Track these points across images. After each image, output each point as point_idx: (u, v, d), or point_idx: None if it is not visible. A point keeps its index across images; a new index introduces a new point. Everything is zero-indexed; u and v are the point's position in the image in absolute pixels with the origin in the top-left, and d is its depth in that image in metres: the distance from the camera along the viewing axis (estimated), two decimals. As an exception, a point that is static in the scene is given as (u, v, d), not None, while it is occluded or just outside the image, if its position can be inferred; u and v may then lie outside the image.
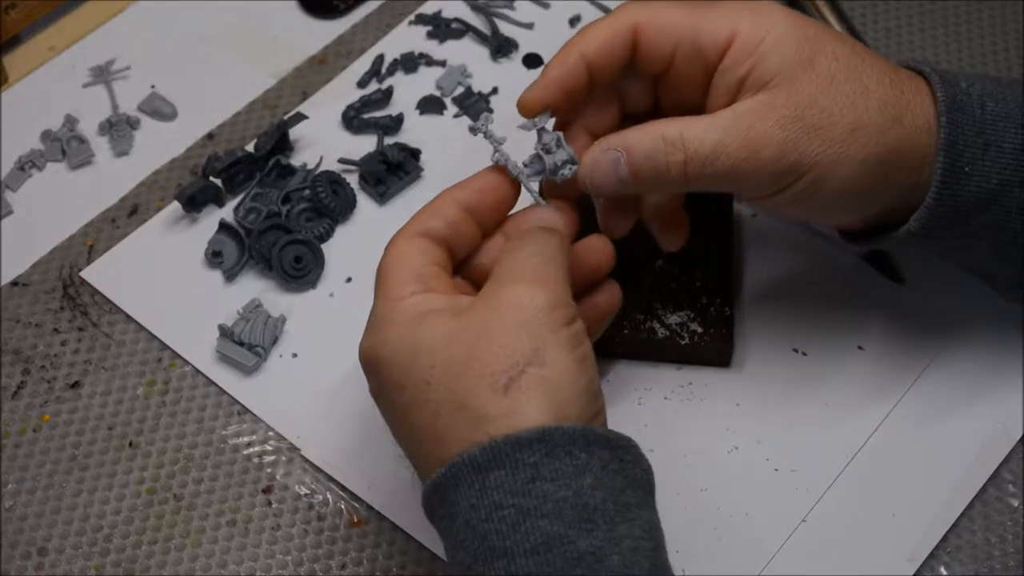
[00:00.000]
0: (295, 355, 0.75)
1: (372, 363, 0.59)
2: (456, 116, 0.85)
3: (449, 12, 0.90)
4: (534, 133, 0.65)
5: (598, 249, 0.65)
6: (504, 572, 0.53)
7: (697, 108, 0.64)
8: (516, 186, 0.65)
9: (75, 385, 0.74)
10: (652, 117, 0.64)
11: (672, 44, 0.63)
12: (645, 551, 0.55)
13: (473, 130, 0.66)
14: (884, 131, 0.61)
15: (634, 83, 0.66)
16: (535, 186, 0.64)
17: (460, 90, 0.86)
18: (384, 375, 0.58)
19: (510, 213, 0.65)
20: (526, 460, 0.54)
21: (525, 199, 0.65)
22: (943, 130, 0.62)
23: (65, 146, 0.84)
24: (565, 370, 0.56)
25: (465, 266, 0.64)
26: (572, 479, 0.54)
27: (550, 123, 0.65)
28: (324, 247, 0.79)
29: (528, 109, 0.64)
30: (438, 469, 0.55)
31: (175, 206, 0.80)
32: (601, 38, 0.63)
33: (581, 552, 0.53)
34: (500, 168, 0.64)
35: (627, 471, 0.56)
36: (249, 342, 0.74)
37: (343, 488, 0.70)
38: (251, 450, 0.72)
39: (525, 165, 0.65)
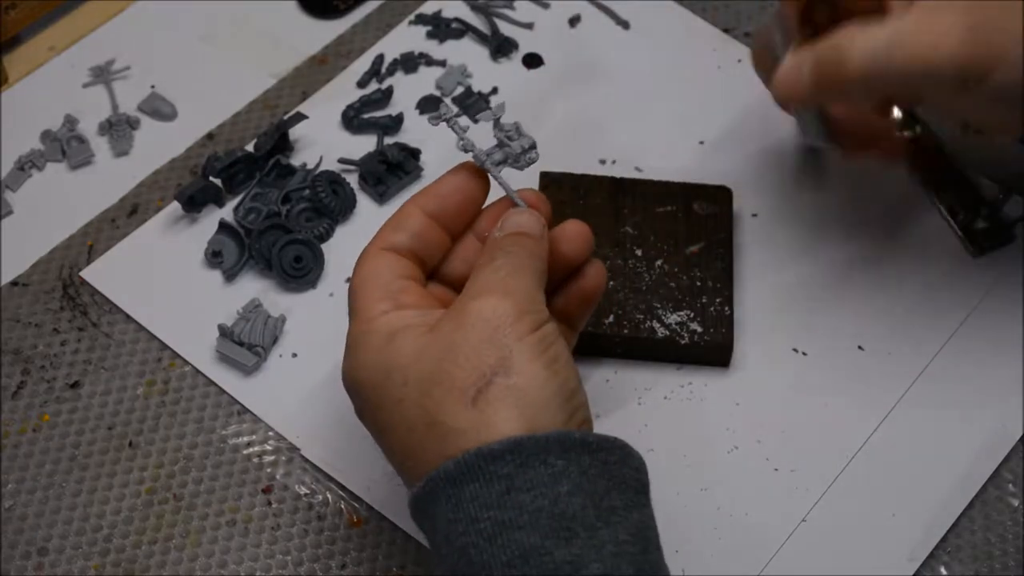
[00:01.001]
0: (295, 355, 0.75)
1: (351, 385, 0.60)
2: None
3: (449, 12, 0.90)
4: (491, 125, 0.64)
5: (576, 235, 0.64)
6: None
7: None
8: (484, 182, 0.64)
9: (75, 385, 0.74)
10: None
11: None
12: (630, 555, 0.54)
13: (435, 120, 0.64)
14: None
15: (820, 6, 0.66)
16: (505, 178, 0.63)
17: (460, 90, 0.86)
18: (363, 397, 0.59)
19: (484, 206, 0.65)
20: (499, 471, 0.53)
21: (496, 190, 0.64)
22: None
23: (65, 146, 0.84)
24: (533, 376, 0.55)
25: (439, 272, 0.64)
26: (548, 487, 0.53)
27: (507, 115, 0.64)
28: (324, 247, 0.79)
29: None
30: (416, 483, 0.55)
31: (175, 206, 0.80)
32: None
33: (559, 562, 0.52)
34: (464, 168, 0.63)
35: (612, 473, 0.55)
36: (249, 342, 0.74)
37: (343, 488, 0.70)
38: (251, 450, 0.72)
39: (487, 155, 0.63)
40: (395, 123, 0.84)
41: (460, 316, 0.57)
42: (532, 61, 0.88)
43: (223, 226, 0.79)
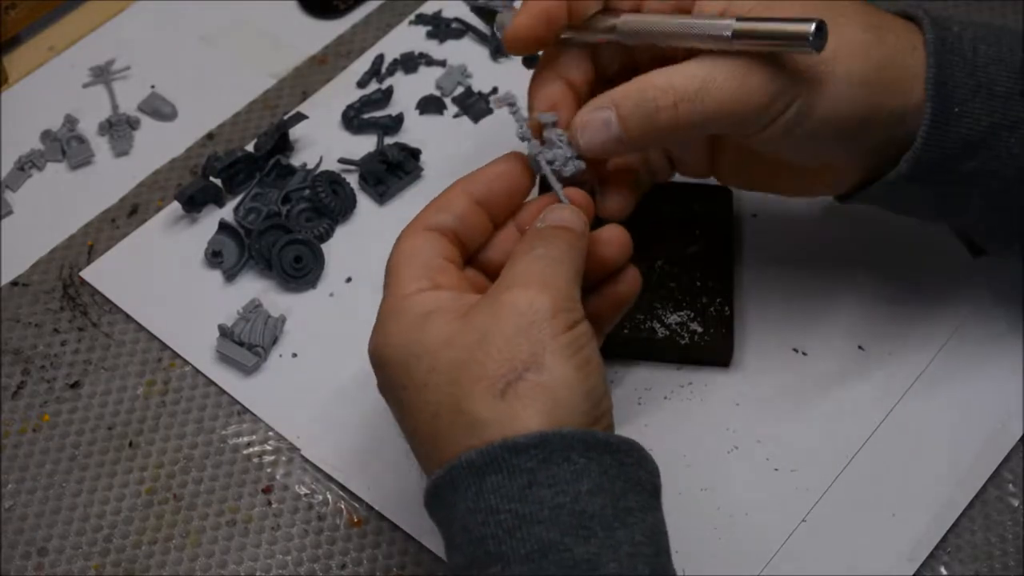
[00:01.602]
0: (295, 355, 0.75)
1: (378, 361, 0.59)
2: (456, 116, 0.85)
3: (449, 12, 0.90)
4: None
5: (615, 239, 0.64)
6: None
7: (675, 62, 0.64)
8: (530, 174, 0.64)
9: (75, 385, 0.74)
10: (629, 78, 0.63)
11: None
12: (645, 557, 0.54)
13: (500, 103, 0.64)
14: (867, 48, 0.61)
15: (608, 45, 0.65)
16: (555, 180, 0.63)
17: (460, 90, 0.86)
18: (388, 373, 0.59)
19: (526, 200, 0.64)
20: (523, 465, 0.53)
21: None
22: (932, 69, 0.61)
23: (65, 146, 0.84)
24: (564, 376, 0.55)
25: (477, 258, 0.64)
26: (569, 485, 0.53)
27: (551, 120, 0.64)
28: (324, 247, 0.79)
29: (515, 39, 0.63)
30: (437, 469, 0.55)
31: (175, 206, 0.80)
32: None
33: (577, 559, 0.53)
34: (514, 157, 0.63)
35: (629, 474, 0.56)
36: (249, 342, 0.74)
37: (343, 488, 0.70)
38: (251, 450, 0.72)
39: (540, 151, 0.63)
40: (395, 123, 0.84)
41: (495, 305, 0.57)
42: (532, 61, 0.88)
43: (223, 226, 0.79)
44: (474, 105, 0.85)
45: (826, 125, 0.61)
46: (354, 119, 0.84)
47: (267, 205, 0.80)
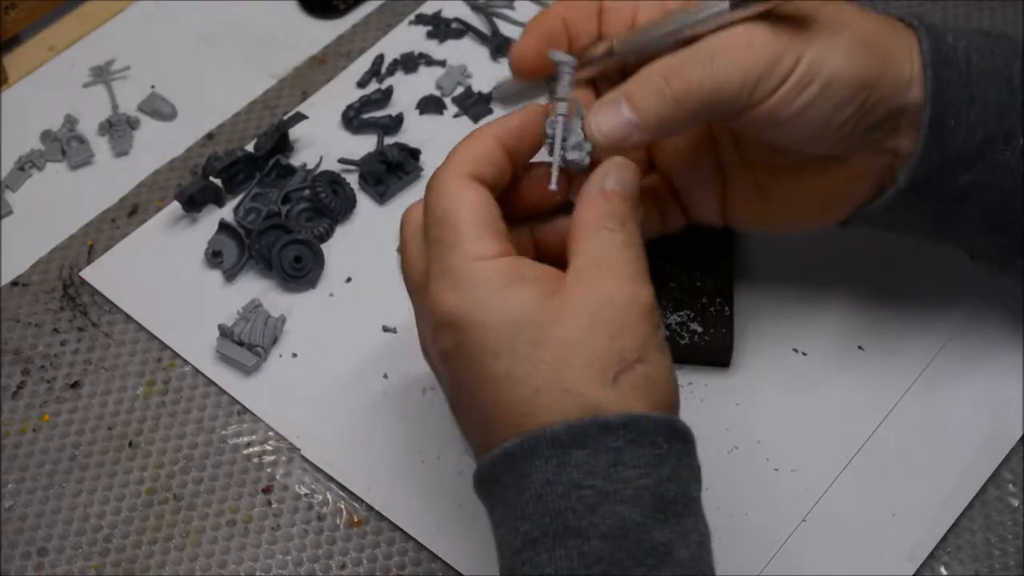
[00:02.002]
0: (295, 355, 0.75)
1: (457, 322, 0.57)
2: (456, 116, 0.85)
3: (449, 12, 0.90)
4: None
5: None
6: (576, 551, 0.53)
7: None
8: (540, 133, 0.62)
9: (75, 385, 0.74)
10: None
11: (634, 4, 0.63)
12: (706, 547, 0.56)
13: (498, 90, 0.64)
14: (865, 26, 0.61)
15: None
16: (559, 152, 0.60)
17: (460, 90, 0.86)
18: (473, 337, 0.56)
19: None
20: (611, 444, 0.54)
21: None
22: (929, 81, 0.61)
23: (65, 146, 0.84)
24: (664, 370, 0.57)
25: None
26: (653, 468, 0.54)
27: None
28: (324, 247, 0.79)
29: (520, 60, 0.63)
30: (513, 439, 0.55)
31: (175, 206, 0.80)
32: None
33: (655, 542, 0.53)
34: (535, 109, 0.61)
35: (693, 465, 0.58)
36: (249, 342, 0.74)
37: (343, 488, 0.70)
38: (251, 450, 0.72)
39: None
40: (395, 123, 0.84)
41: (600, 293, 0.56)
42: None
43: (223, 226, 0.79)
44: (474, 105, 0.85)
45: (833, 85, 0.60)
46: (354, 119, 0.84)
47: (267, 205, 0.80)
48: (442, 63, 0.88)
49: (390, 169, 0.81)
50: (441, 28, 0.89)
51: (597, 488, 0.54)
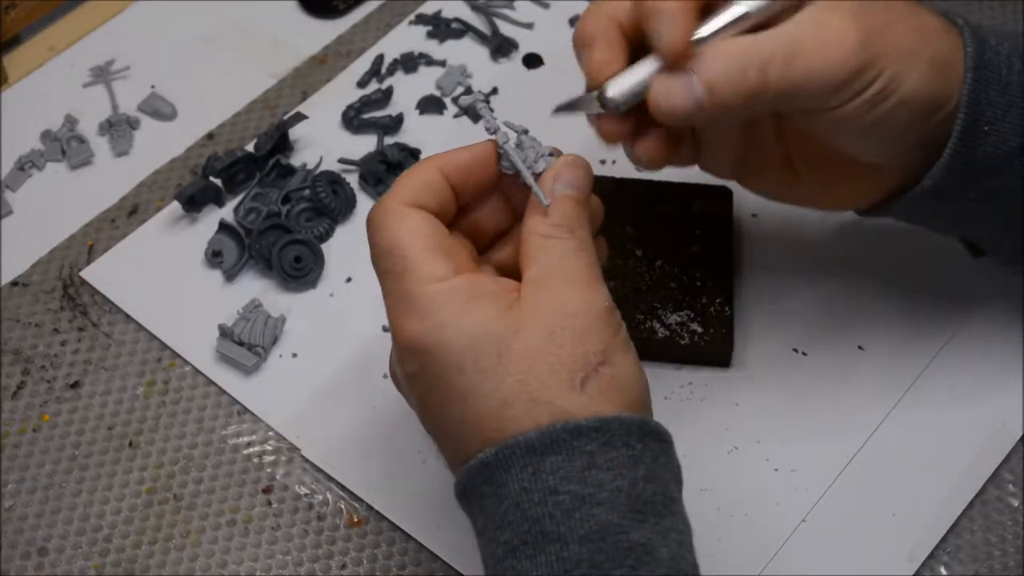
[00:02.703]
0: (295, 355, 0.75)
1: (419, 346, 0.57)
2: (456, 116, 0.85)
3: (449, 12, 0.90)
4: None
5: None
6: (556, 557, 0.53)
7: None
8: (497, 168, 0.62)
9: (75, 385, 0.74)
10: None
11: None
12: (687, 545, 0.56)
13: (467, 108, 0.63)
14: (940, 33, 0.60)
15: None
16: (529, 173, 0.60)
17: (460, 90, 0.86)
18: (436, 359, 0.57)
19: None
20: (583, 448, 0.54)
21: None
22: (968, 86, 0.60)
23: (65, 146, 0.84)
24: (630, 370, 0.57)
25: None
26: (627, 469, 0.54)
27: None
28: (324, 247, 0.79)
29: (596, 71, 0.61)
30: (487, 449, 0.55)
31: (175, 206, 0.80)
32: None
33: (633, 543, 0.54)
34: (488, 145, 0.61)
35: (672, 464, 0.57)
36: (249, 342, 0.74)
37: (343, 488, 0.70)
38: (251, 450, 0.72)
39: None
40: (395, 123, 0.84)
41: (556, 302, 0.57)
42: (532, 61, 0.88)
43: (223, 226, 0.79)
44: (474, 105, 0.85)
45: (906, 105, 0.60)
46: (354, 119, 0.84)
47: (267, 205, 0.80)
48: (442, 63, 0.88)
49: (390, 169, 0.81)
50: (441, 28, 0.89)
51: (573, 492, 0.54)
